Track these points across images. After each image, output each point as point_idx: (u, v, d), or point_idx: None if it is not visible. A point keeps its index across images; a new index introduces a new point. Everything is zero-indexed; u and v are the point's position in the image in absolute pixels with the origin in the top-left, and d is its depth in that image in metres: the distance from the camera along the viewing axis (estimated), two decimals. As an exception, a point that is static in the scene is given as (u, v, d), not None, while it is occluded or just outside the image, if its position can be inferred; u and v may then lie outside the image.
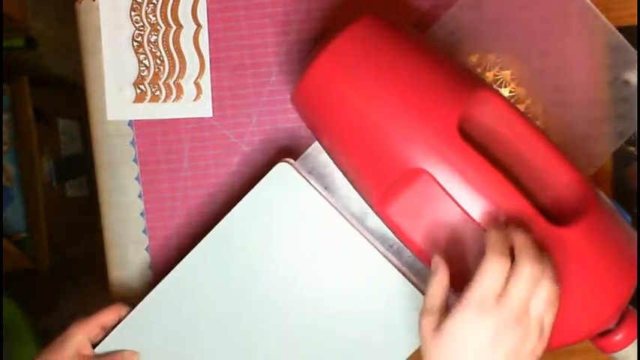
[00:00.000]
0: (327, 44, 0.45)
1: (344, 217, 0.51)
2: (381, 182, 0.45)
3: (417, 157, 0.43)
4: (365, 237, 0.51)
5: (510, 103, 0.46)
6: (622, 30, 0.57)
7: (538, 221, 0.42)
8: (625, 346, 0.46)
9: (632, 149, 0.58)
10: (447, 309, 0.41)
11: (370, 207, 0.48)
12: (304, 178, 0.50)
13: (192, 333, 0.53)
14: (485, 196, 0.42)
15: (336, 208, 0.51)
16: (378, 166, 0.45)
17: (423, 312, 0.41)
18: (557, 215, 0.44)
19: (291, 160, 0.51)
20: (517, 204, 0.42)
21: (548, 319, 0.40)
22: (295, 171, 0.50)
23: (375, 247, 0.51)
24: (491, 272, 0.38)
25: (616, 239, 0.45)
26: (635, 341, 0.47)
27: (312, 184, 0.51)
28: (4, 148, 1.12)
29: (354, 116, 0.45)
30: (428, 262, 0.45)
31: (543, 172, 0.46)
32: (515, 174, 0.46)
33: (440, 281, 0.42)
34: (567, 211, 0.42)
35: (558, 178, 0.45)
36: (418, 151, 0.43)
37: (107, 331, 0.53)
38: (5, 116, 1.11)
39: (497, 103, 0.45)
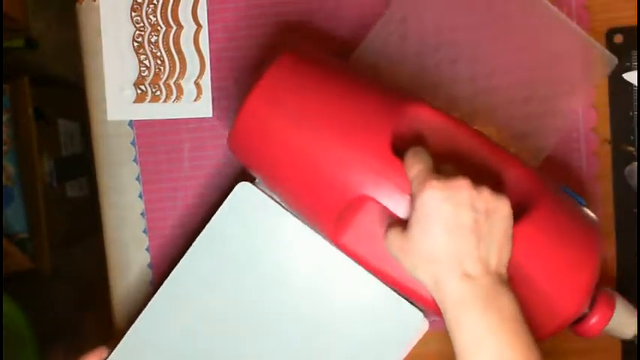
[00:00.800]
0: (250, 89, 0.46)
1: (312, 229, 0.51)
2: (328, 215, 0.45)
3: (356, 184, 0.43)
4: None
5: (442, 111, 0.46)
6: (622, 30, 0.57)
7: None
8: (602, 328, 0.46)
9: (632, 149, 0.58)
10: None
11: (326, 239, 0.48)
12: (266, 194, 0.50)
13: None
14: None
15: (302, 221, 0.50)
16: (322, 200, 0.45)
17: (386, 229, 0.42)
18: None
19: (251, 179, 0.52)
20: None
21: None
22: (256, 189, 0.50)
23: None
24: (413, 157, 0.41)
25: (570, 225, 0.45)
26: (616, 315, 0.47)
27: (275, 200, 0.50)
28: (4, 148, 1.12)
29: (288, 156, 0.45)
30: (392, 283, 0.45)
31: (487, 173, 0.46)
32: None
33: None
34: (516, 207, 0.42)
35: (503, 176, 0.46)
36: (356, 179, 0.43)
37: None
38: (5, 116, 1.11)
39: (428, 114, 0.46)
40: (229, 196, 0.51)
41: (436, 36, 0.56)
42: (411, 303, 0.50)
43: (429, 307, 0.45)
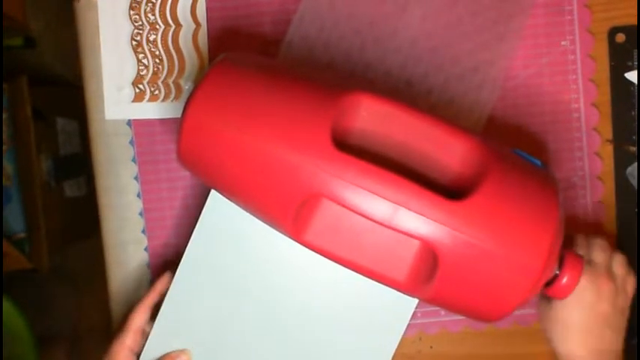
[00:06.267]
0: (188, 103, 0.46)
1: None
2: (284, 216, 0.45)
3: (304, 184, 0.43)
4: None
5: (381, 95, 0.46)
6: (624, 29, 0.57)
7: (438, 203, 0.42)
8: (574, 286, 0.47)
9: (634, 149, 0.58)
10: None
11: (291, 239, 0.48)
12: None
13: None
14: (381, 197, 0.42)
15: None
16: (274, 203, 0.45)
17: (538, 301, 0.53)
18: (462, 188, 0.44)
19: None
20: (412, 192, 0.42)
21: (631, 281, 0.52)
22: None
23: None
24: (602, 243, 0.52)
25: (525, 190, 0.45)
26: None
27: None
28: (3, 147, 1.11)
29: (235, 163, 0.45)
30: (362, 271, 0.46)
31: (436, 152, 0.46)
32: (410, 164, 0.46)
33: None
34: (469, 181, 0.43)
35: (452, 152, 0.46)
36: (302, 178, 0.43)
37: (147, 334, 0.54)
38: (4, 115, 1.11)
39: (367, 101, 0.46)
40: (205, 207, 0.51)
41: (352, 20, 0.57)
42: None
43: (401, 290, 0.46)
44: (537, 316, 0.58)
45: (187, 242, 0.55)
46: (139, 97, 0.59)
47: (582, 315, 0.49)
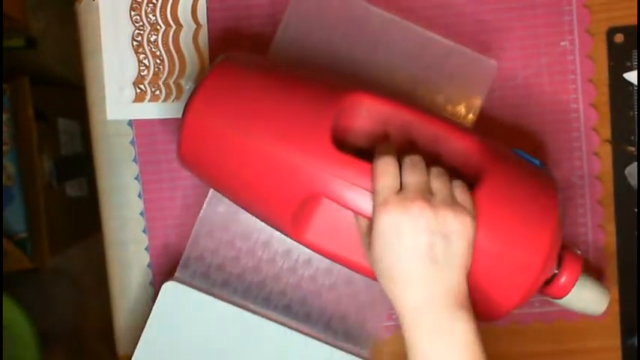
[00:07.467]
0: (186, 107, 0.46)
1: (246, 308, 0.53)
2: (284, 215, 0.45)
3: (304, 184, 0.43)
4: (271, 318, 0.54)
5: (382, 95, 0.46)
6: (622, 29, 0.57)
7: None
8: (572, 285, 0.47)
9: (633, 149, 0.58)
10: None
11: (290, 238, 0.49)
12: (194, 287, 0.53)
13: None
14: None
15: (235, 303, 0.53)
16: (274, 203, 0.46)
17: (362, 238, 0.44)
18: None
19: (177, 275, 0.55)
20: None
21: (456, 191, 0.41)
22: (182, 285, 0.53)
23: (283, 324, 0.53)
24: (381, 172, 0.41)
25: (524, 189, 0.45)
26: (580, 279, 0.47)
27: (203, 291, 0.53)
28: (5, 147, 1.12)
29: (235, 163, 0.46)
30: (364, 272, 0.46)
31: (436, 149, 0.46)
32: None
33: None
34: (468, 181, 0.43)
35: (451, 150, 0.46)
36: (302, 178, 0.43)
37: None
38: (5, 116, 1.11)
39: (367, 101, 0.46)
40: (157, 300, 0.53)
41: (339, 24, 0.56)
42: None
43: None
44: (534, 316, 0.58)
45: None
46: (140, 98, 0.59)
47: (400, 257, 0.40)
